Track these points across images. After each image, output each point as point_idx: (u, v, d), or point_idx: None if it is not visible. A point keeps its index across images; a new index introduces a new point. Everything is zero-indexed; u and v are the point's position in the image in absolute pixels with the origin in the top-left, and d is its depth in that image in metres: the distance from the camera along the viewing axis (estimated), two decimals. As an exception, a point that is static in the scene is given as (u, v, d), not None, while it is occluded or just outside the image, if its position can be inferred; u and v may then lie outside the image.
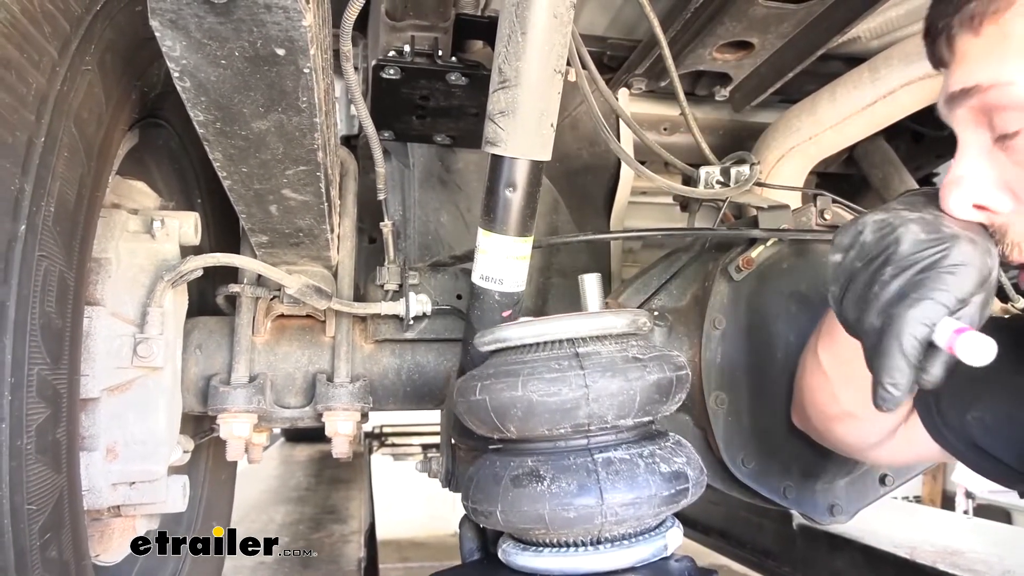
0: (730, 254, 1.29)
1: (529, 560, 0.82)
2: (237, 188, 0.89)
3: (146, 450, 0.95)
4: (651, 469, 0.78)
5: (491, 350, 0.89)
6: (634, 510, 0.76)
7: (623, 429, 0.82)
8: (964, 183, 0.76)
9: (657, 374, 0.80)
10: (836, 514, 1.27)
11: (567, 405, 0.77)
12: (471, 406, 0.83)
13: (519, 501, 0.77)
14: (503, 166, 1.00)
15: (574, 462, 0.78)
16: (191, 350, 1.15)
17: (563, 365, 0.79)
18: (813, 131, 1.68)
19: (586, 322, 0.83)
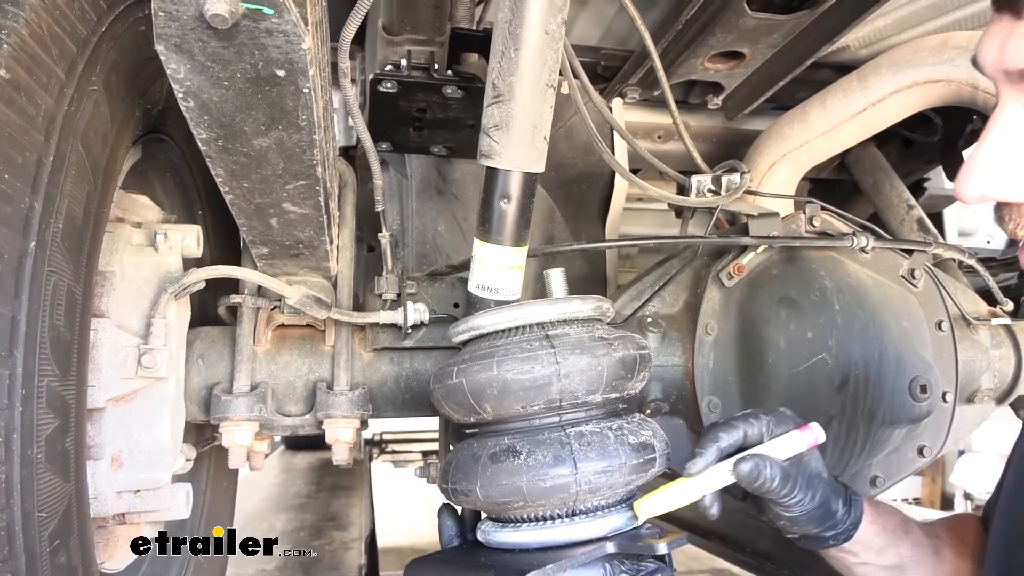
0: (722, 261, 1.31)
1: (508, 536, 0.86)
2: (238, 202, 0.91)
3: (151, 459, 0.98)
4: (620, 440, 0.83)
5: (465, 339, 0.93)
6: (606, 478, 0.81)
7: (592, 406, 0.86)
8: (981, 173, 0.72)
9: (622, 351, 0.86)
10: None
11: (540, 382, 0.82)
12: (448, 390, 0.86)
13: (497, 476, 0.81)
14: (498, 178, 1.02)
15: (548, 436, 0.82)
16: (193, 360, 1.17)
17: (535, 346, 0.83)
18: (804, 138, 1.71)
19: (554, 307, 0.89)
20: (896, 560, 0.99)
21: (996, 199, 0.73)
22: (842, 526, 0.93)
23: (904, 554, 1.00)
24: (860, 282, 1.29)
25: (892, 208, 1.91)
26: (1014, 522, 0.87)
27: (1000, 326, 1.45)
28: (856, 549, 0.97)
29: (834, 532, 0.93)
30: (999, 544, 0.89)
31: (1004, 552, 0.87)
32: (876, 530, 0.97)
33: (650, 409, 1.28)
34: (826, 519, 0.92)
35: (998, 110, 0.71)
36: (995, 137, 0.71)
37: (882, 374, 1.23)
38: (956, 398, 1.35)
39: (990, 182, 0.71)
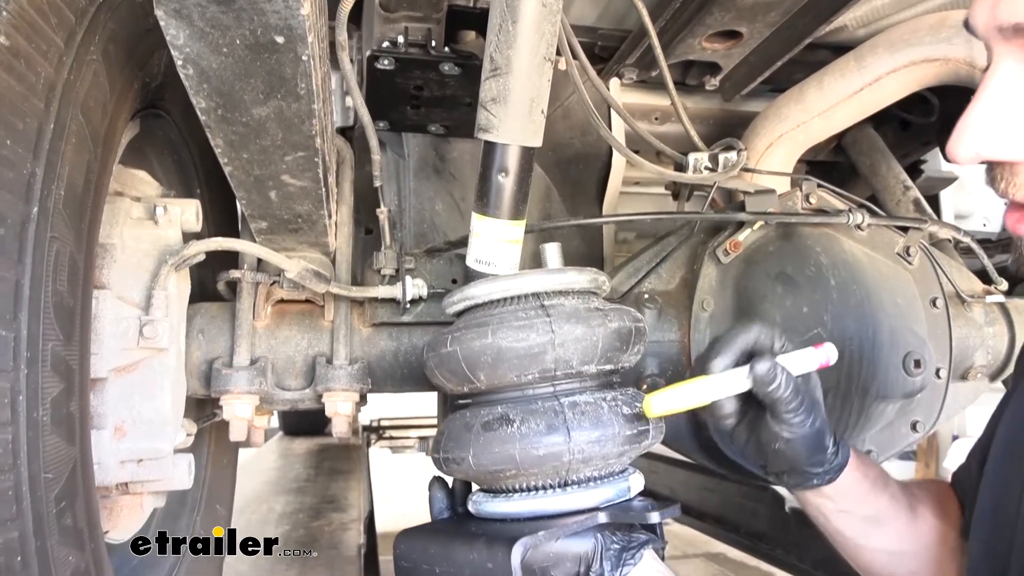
0: (718, 238, 1.32)
1: (499, 506, 0.86)
2: (237, 174, 0.92)
3: (152, 429, 0.99)
4: (614, 411, 0.83)
5: (460, 309, 0.93)
6: (599, 447, 0.81)
7: (587, 376, 0.86)
8: (975, 132, 0.70)
9: (617, 323, 0.86)
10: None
11: (535, 350, 0.81)
12: (442, 359, 0.86)
13: (490, 444, 0.81)
14: (495, 152, 1.03)
15: (542, 406, 0.82)
16: (194, 335, 1.18)
17: (530, 315, 0.83)
18: (801, 119, 1.71)
19: (550, 277, 0.89)
20: (874, 511, 1.00)
21: (990, 159, 0.71)
22: (829, 464, 0.94)
23: (882, 506, 1.01)
24: (855, 258, 1.30)
25: (889, 189, 1.91)
26: (999, 493, 0.88)
27: (994, 304, 1.46)
28: (836, 495, 0.98)
29: (821, 469, 0.93)
30: (985, 512, 0.89)
31: (990, 521, 0.88)
32: (858, 477, 0.98)
33: (646, 384, 1.30)
34: (817, 451, 0.92)
35: (991, 68, 0.70)
36: (989, 95, 0.69)
37: (876, 349, 1.24)
38: (950, 374, 1.36)
39: (984, 141, 0.69)
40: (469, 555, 0.80)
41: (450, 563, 0.81)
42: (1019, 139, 0.68)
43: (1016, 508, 0.82)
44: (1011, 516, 0.83)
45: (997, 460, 0.91)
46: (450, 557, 0.82)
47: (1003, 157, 0.70)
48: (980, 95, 0.70)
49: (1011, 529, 0.82)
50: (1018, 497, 0.82)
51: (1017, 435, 0.88)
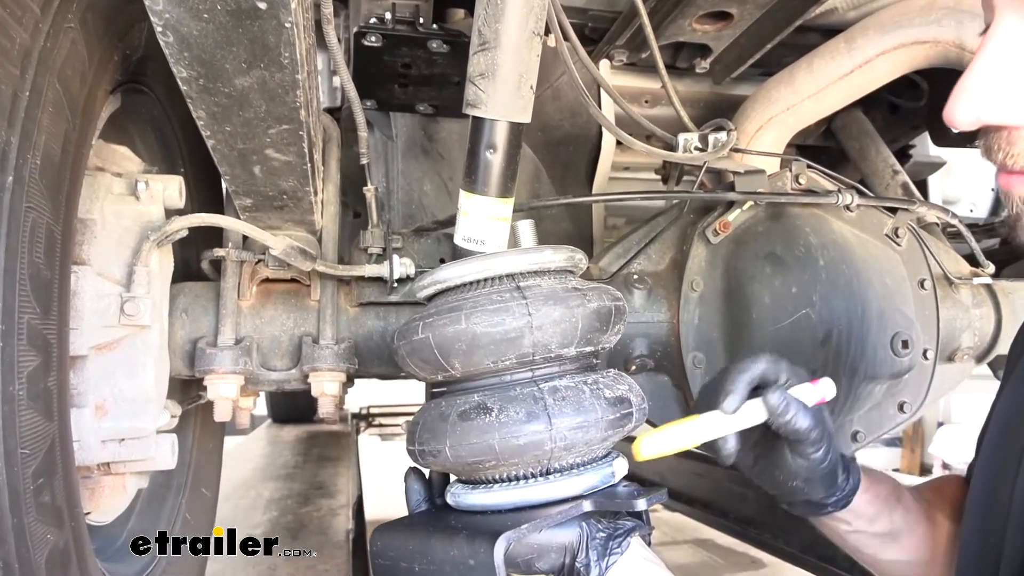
0: (708, 218, 1.32)
1: (479, 498, 0.82)
2: (221, 148, 0.90)
3: (135, 407, 0.97)
4: (596, 395, 0.79)
5: (431, 293, 0.89)
6: (582, 434, 0.77)
7: (566, 360, 0.83)
8: (975, 94, 0.66)
9: (597, 303, 0.82)
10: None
11: (511, 334, 0.77)
12: (414, 346, 0.82)
13: (467, 435, 0.77)
14: (484, 128, 1.02)
15: (521, 392, 0.79)
16: (177, 314, 1.16)
17: (505, 297, 0.79)
18: (791, 101, 1.70)
19: (525, 257, 0.85)
20: (889, 527, 0.99)
21: (990, 123, 0.67)
22: (841, 492, 0.92)
23: (896, 521, 0.99)
24: (844, 239, 1.30)
25: (878, 173, 1.91)
26: (993, 476, 0.87)
27: (981, 285, 1.46)
28: (849, 518, 0.96)
29: (834, 499, 0.92)
30: (979, 496, 0.89)
31: (983, 504, 0.88)
32: (870, 498, 0.97)
33: (635, 365, 1.29)
34: (833, 482, 0.90)
35: (992, 27, 0.66)
36: (990, 54, 0.65)
37: (865, 329, 1.24)
38: (937, 355, 1.37)
39: (985, 104, 0.65)
40: (449, 551, 0.76)
41: (430, 560, 0.78)
42: (1021, 103, 0.65)
43: (1010, 491, 0.81)
44: (1005, 499, 0.82)
45: (992, 444, 0.91)
46: (430, 554, 0.78)
47: (1003, 121, 0.66)
48: (980, 55, 0.66)
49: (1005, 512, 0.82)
50: (1012, 481, 0.82)
51: (1012, 419, 0.88)
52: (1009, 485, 0.82)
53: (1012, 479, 0.82)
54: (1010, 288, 1.50)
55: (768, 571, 4.69)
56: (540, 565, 0.78)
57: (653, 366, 1.31)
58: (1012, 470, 0.82)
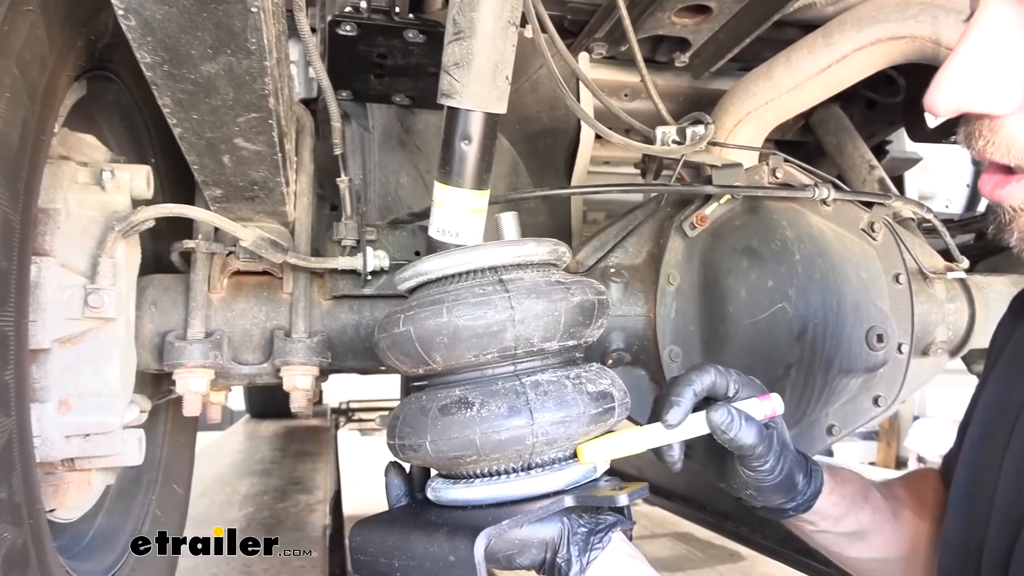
0: (685, 212, 1.31)
1: (460, 492, 0.81)
2: (188, 137, 0.88)
3: (100, 402, 0.95)
4: (579, 389, 0.79)
5: (412, 286, 0.87)
6: (564, 428, 0.77)
7: (549, 354, 0.82)
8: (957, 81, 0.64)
9: (580, 296, 0.81)
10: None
11: (493, 328, 0.77)
12: (395, 339, 0.81)
13: (448, 429, 0.76)
14: (458, 118, 1.00)
15: (503, 386, 0.78)
16: (146, 307, 1.14)
17: (487, 290, 0.78)
18: (769, 96, 1.71)
19: (508, 249, 0.84)
20: (855, 527, 0.99)
21: (971, 111, 0.65)
22: (802, 497, 0.92)
23: (864, 520, 0.99)
24: (821, 233, 1.30)
25: (855, 168, 1.92)
26: (976, 472, 0.87)
27: (955, 280, 1.47)
28: (814, 519, 0.96)
29: (794, 504, 0.92)
30: (961, 491, 0.89)
31: (966, 499, 0.88)
32: (835, 500, 0.97)
33: (612, 359, 1.29)
34: (789, 490, 0.90)
35: (977, 14, 0.64)
36: (974, 41, 0.63)
37: (840, 323, 1.24)
38: (911, 349, 1.37)
39: (966, 91, 0.63)
40: (429, 547, 0.75)
41: (410, 556, 0.77)
42: (1004, 91, 0.63)
43: (994, 485, 0.81)
44: (988, 493, 0.82)
45: (975, 437, 0.90)
46: (409, 549, 0.77)
47: (984, 109, 0.64)
48: (964, 41, 0.64)
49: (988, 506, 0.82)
50: (996, 475, 0.82)
51: (994, 414, 0.88)
52: (992, 479, 0.82)
53: (995, 474, 0.82)
54: (984, 283, 1.51)
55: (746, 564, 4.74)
56: (521, 560, 0.78)
57: (630, 360, 1.30)
58: (995, 465, 0.82)
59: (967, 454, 0.90)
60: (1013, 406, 0.83)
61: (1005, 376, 0.89)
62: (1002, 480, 0.80)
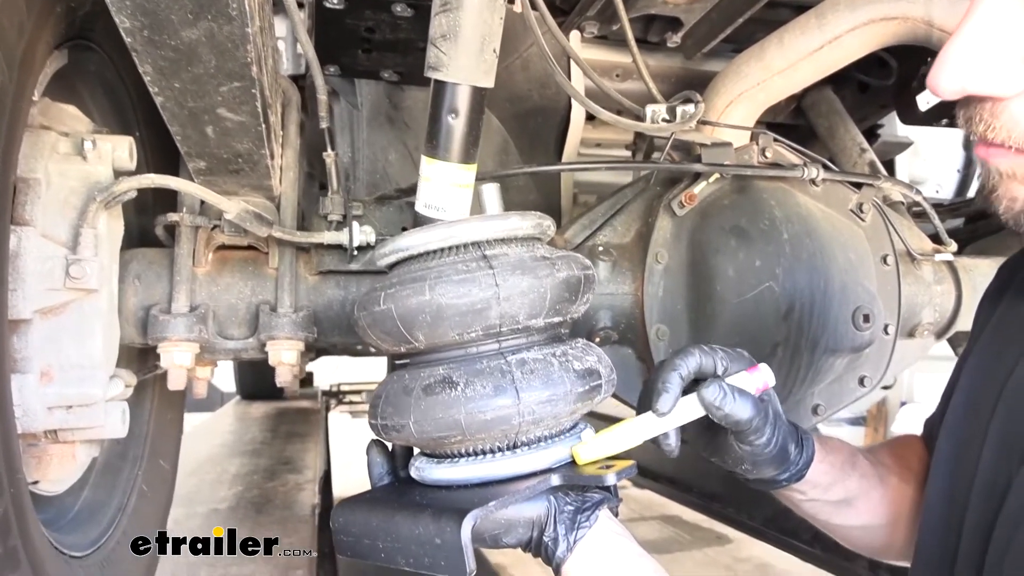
0: (673, 190, 1.31)
1: (444, 472, 0.80)
2: (170, 107, 0.87)
3: (83, 374, 0.94)
4: (565, 367, 0.77)
5: (392, 262, 0.85)
6: (551, 407, 0.76)
7: (534, 331, 0.80)
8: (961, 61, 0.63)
9: (566, 272, 0.80)
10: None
11: (478, 306, 0.75)
12: (375, 318, 0.79)
13: (432, 409, 0.75)
14: (445, 92, 0.99)
15: (487, 365, 0.76)
16: (130, 280, 1.13)
17: (471, 267, 0.76)
18: (761, 77, 1.70)
19: (492, 224, 0.82)
20: (844, 495, 1.00)
21: (975, 93, 0.63)
22: (794, 467, 0.92)
23: (851, 488, 1.00)
24: (809, 213, 1.30)
25: (846, 151, 1.92)
26: (959, 441, 0.87)
27: (943, 262, 1.48)
28: (804, 488, 0.97)
29: (787, 475, 0.92)
30: (944, 461, 0.89)
31: (948, 469, 0.88)
32: (825, 468, 0.97)
33: (599, 337, 1.29)
34: (783, 461, 0.90)
35: None
36: (978, 21, 0.61)
37: (827, 303, 1.25)
38: (897, 331, 1.38)
39: (970, 73, 0.62)
40: (415, 529, 0.74)
41: (394, 538, 0.76)
42: (1008, 72, 0.61)
43: (977, 456, 0.81)
44: (971, 466, 0.82)
45: (958, 409, 0.91)
46: (394, 531, 0.76)
47: (988, 92, 0.63)
48: (967, 21, 0.62)
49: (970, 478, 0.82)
50: (979, 446, 0.82)
51: (978, 385, 0.88)
52: (975, 452, 0.82)
53: (978, 446, 0.82)
54: (971, 265, 1.52)
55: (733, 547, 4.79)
56: (507, 540, 0.77)
57: (617, 339, 1.31)
58: (979, 437, 0.82)
59: (950, 424, 0.90)
60: (998, 378, 0.83)
61: (990, 347, 0.89)
62: (985, 451, 0.81)
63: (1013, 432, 0.78)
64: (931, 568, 0.86)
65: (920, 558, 0.90)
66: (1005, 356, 0.84)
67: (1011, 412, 0.79)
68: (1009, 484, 0.75)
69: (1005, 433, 0.79)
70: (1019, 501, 0.73)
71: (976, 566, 0.77)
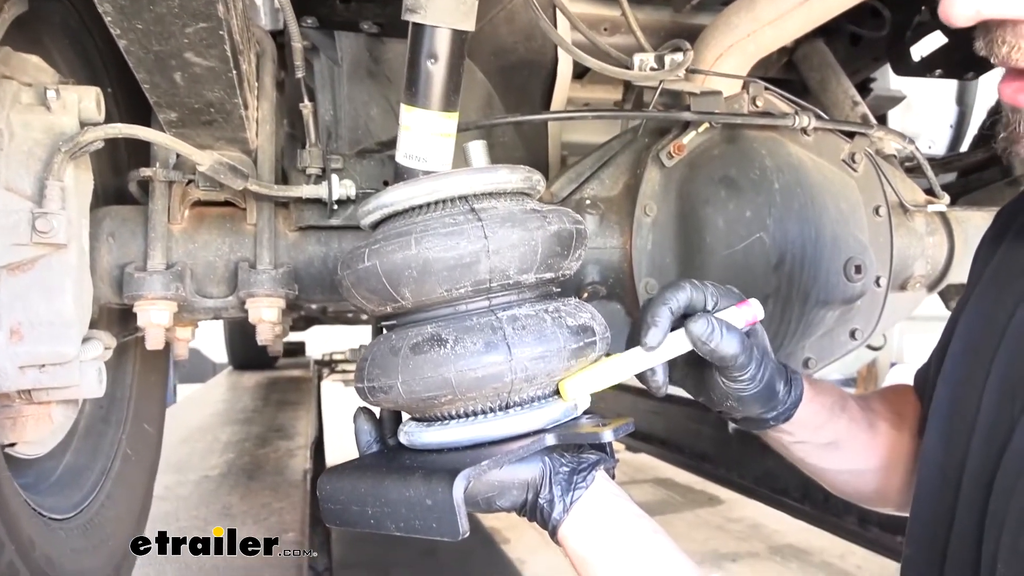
0: (662, 141, 1.28)
1: (435, 435, 0.78)
2: (135, 51, 0.83)
3: (54, 331, 0.91)
4: (558, 323, 0.75)
5: (376, 220, 0.82)
6: (544, 364, 0.73)
7: (525, 287, 0.78)
8: None
9: (558, 225, 0.77)
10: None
11: (466, 260, 0.72)
12: (359, 276, 0.76)
13: (421, 368, 0.72)
14: (424, 35, 0.96)
15: (477, 322, 0.74)
16: (103, 238, 1.10)
17: (459, 220, 0.74)
18: (751, 28, 1.65)
19: (480, 176, 0.79)
20: (832, 437, 0.99)
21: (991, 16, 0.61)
22: (782, 406, 0.91)
23: (840, 430, 0.99)
24: (800, 163, 1.27)
25: (838, 104, 1.89)
26: (958, 388, 0.86)
27: (935, 213, 1.46)
28: (793, 429, 0.95)
29: (775, 413, 0.91)
30: (942, 408, 0.88)
31: (947, 415, 0.87)
32: (815, 409, 0.96)
33: (587, 293, 1.27)
34: (770, 399, 0.89)
35: None
36: None
37: (818, 254, 1.22)
38: (889, 283, 1.36)
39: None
40: (405, 492, 0.72)
41: (384, 502, 0.73)
42: None
43: (977, 403, 0.80)
44: (970, 412, 0.81)
45: (956, 356, 0.89)
46: (383, 495, 0.73)
47: (1007, 13, 0.60)
48: None
49: (970, 425, 0.81)
50: (979, 393, 0.81)
51: (977, 330, 0.86)
52: (975, 398, 0.81)
53: (979, 392, 0.81)
54: (963, 217, 1.50)
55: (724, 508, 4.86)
56: (501, 503, 0.75)
57: (605, 293, 1.29)
58: (978, 383, 0.81)
59: (948, 372, 0.89)
60: (998, 324, 0.81)
61: (988, 294, 0.87)
62: (986, 398, 0.79)
63: (1015, 376, 0.77)
64: (931, 516, 0.85)
65: (919, 506, 0.88)
66: (1005, 300, 0.83)
67: (1013, 356, 0.78)
68: (1012, 428, 0.74)
69: (1007, 377, 0.78)
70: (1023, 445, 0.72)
71: (979, 511, 0.76)
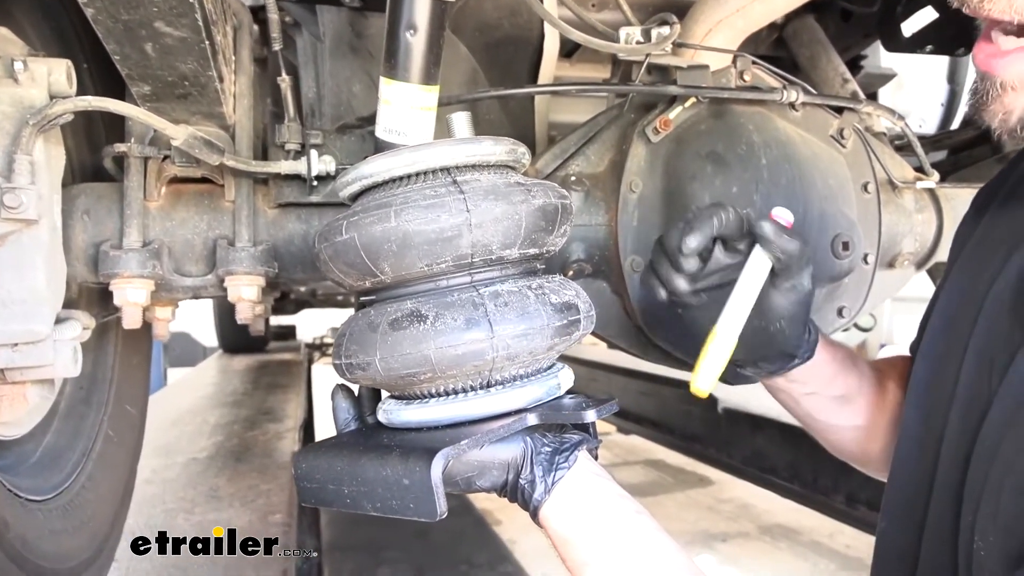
0: (648, 117, 1.26)
1: (413, 413, 0.76)
2: (103, 20, 0.81)
3: (26, 309, 0.89)
4: (542, 300, 0.73)
5: (355, 192, 0.80)
6: (527, 342, 0.71)
7: (508, 263, 0.76)
8: None
9: (542, 199, 0.75)
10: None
11: (448, 233, 0.70)
12: (337, 249, 0.74)
13: (400, 345, 0.70)
14: (403, 5, 0.94)
15: (459, 298, 0.72)
16: (78, 216, 1.08)
17: (440, 192, 0.71)
18: (740, 3, 1.62)
19: (462, 147, 0.76)
20: (843, 390, 0.99)
21: None
22: (808, 343, 0.92)
23: (851, 384, 1.00)
24: (788, 138, 1.26)
25: (828, 82, 1.87)
26: (936, 361, 0.86)
27: (924, 190, 1.45)
28: (807, 378, 0.96)
29: (802, 348, 0.92)
30: (920, 382, 0.88)
31: (925, 389, 0.87)
32: (827, 358, 0.96)
33: (572, 271, 1.25)
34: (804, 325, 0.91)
35: None
36: None
37: (806, 229, 1.21)
38: (877, 260, 1.35)
39: None
40: (382, 471, 0.70)
41: (360, 481, 0.72)
42: None
43: (955, 378, 0.80)
44: (948, 386, 0.81)
45: (935, 330, 0.89)
46: (360, 474, 0.72)
47: None
48: None
49: (948, 398, 0.81)
50: (957, 367, 0.80)
51: (955, 307, 0.86)
52: (953, 372, 0.81)
53: (957, 366, 0.80)
54: (952, 194, 1.49)
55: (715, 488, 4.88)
56: (481, 483, 0.74)
57: (590, 271, 1.27)
58: (957, 357, 0.81)
59: (927, 347, 0.89)
60: (975, 299, 0.81)
61: (967, 269, 0.87)
62: (963, 372, 0.79)
63: (992, 346, 0.76)
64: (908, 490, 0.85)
65: (895, 480, 0.89)
66: (982, 275, 0.83)
67: (991, 326, 0.78)
68: (990, 401, 0.74)
69: (984, 351, 0.78)
70: (1002, 415, 0.71)
71: (956, 484, 0.76)
